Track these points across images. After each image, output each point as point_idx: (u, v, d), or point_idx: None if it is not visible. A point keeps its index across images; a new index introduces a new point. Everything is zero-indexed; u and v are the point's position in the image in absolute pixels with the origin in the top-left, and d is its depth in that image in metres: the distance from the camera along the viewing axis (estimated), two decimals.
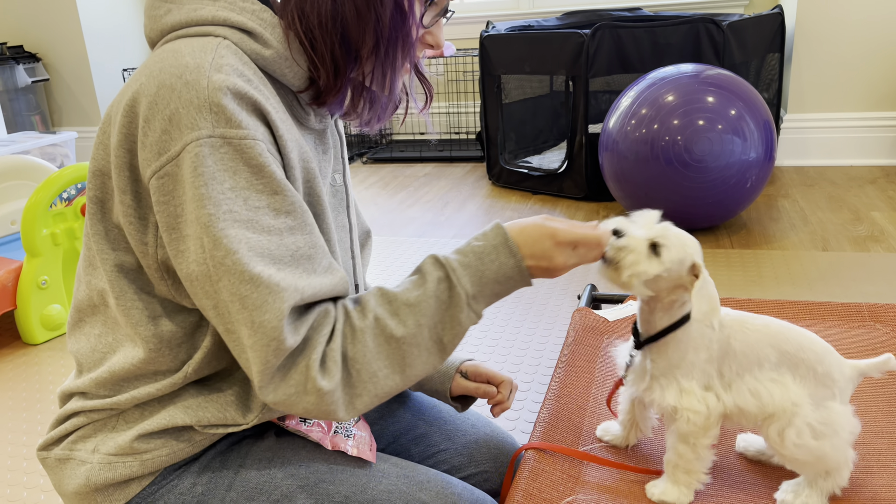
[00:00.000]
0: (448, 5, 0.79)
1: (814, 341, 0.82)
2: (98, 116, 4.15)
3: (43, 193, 1.94)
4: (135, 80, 0.70)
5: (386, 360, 0.72)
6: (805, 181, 3.04)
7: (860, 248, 2.28)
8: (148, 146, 0.66)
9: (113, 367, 0.76)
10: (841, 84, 3.18)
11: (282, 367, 0.68)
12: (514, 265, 0.76)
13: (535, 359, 1.74)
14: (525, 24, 3.39)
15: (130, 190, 0.70)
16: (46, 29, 4.05)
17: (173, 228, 0.67)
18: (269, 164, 0.67)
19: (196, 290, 0.68)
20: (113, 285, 0.74)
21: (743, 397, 0.81)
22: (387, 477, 0.82)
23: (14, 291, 1.97)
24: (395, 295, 0.74)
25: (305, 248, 0.70)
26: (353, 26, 0.72)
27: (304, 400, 0.69)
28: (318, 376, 0.68)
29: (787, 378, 0.81)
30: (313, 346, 0.69)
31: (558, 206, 2.94)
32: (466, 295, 0.75)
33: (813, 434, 0.79)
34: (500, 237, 0.77)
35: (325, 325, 0.71)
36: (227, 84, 0.66)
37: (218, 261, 0.65)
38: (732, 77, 2.36)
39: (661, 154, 2.29)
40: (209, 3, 0.72)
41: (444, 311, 0.74)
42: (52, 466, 0.80)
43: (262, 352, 0.66)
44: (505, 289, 0.77)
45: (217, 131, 0.65)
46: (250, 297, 0.65)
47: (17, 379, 1.82)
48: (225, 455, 0.82)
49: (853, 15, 3.09)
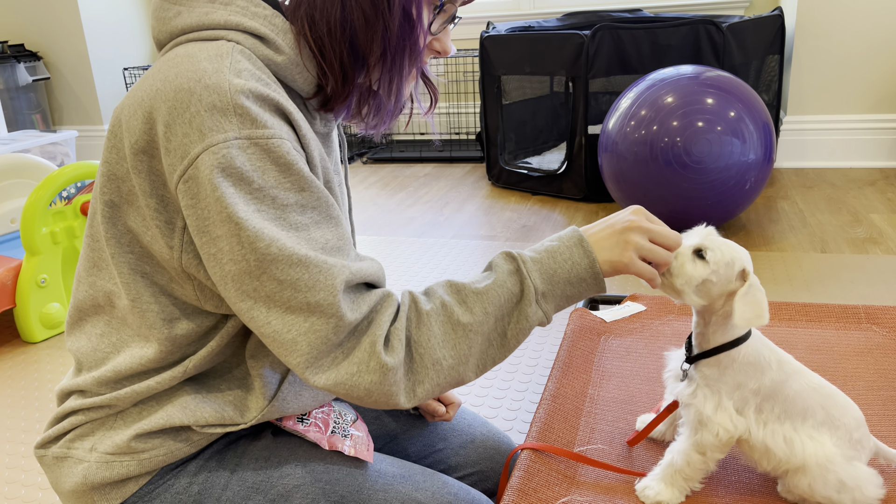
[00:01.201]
0: (456, 12, 0.79)
1: (854, 408, 0.84)
2: (99, 115, 4.15)
3: (43, 192, 1.94)
4: (148, 85, 0.69)
5: (451, 348, 0.72)
6: (804, 183, 3.04)
7: (859, 250, 2.28)
8: (172, 151, 0.66)
9: (118, 367, 0.76)
10: (840, 86, 3.19)
11: (343, 346, 0.68)
12: (588, 266, 0.76)
13: (532, 359, 1.74)
14: (525, 24, 3.40)
15: (156, 194, 0.70)
16: (47, 27, 4.05)
17: (203, 231, 0.67)
18: (296, 161, 0.68)
19: (232, 292, 0.67)
20: (129, 288, 0.74)
21: (775, 440, 0.82)
22: (383, 477, 0.82)
23: (13, 290, 1.97)
24: (464, 284, 0.75)
25: (334, 240, 0.70)
26: (361, 34, 0.72)
27: (366, 379, 0.68)
28: (383, 352, 0.68)
29: (826, 437, 0.82)
30: (378, 324, 0.69)
31: (557, 207, 2.94)
32: (536, 291, 0.75)
33: (839, 488, 0.81)
34: (576, 238, 0.77)
35: (389, 307, 0.71)
36: (248, 87, 0.66)
37: (261, 252, 0.65)
38: (732, 79, 2.36)
39: (661, 155, 2.29)
40: (221, 6, 0.72)
41: (512, 304, 0.74)
42: (50, 465, 0.81)
43: (320, 330, 0.66)
44: (577, 291, 0.77)
45: (243, 133, 0.65)
46: (302, 278, 0.66)
47: (15, 377, 1.83)
48: (222, 454, 0.82)
49: (853, 17, 3.09)
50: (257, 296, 0.66)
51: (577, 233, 0.78)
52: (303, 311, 0.66)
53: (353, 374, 0.68)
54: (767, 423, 0.83)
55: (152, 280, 0.75)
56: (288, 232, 0.67)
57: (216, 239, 0.66)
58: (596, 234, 0.78)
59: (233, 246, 0.65)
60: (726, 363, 0.82)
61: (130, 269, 0.74)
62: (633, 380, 1.14)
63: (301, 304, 0.66)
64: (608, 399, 1.09)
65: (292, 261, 0.65)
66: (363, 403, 0.71)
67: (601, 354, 1.22)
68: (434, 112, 0.86)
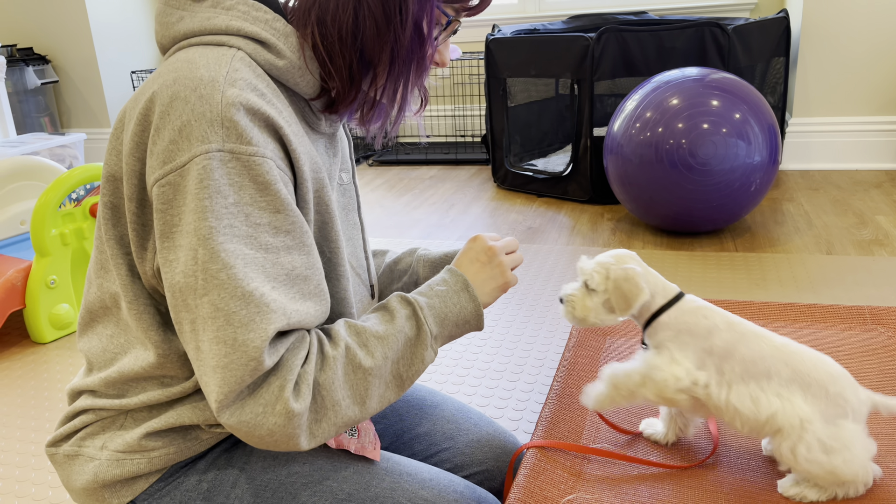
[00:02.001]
0: (459, 25, 0.81)
1: (828, 363, 0.84)
2: (106, 118, 4.17)
3: (52, 194, 1.96)
4: (148, 88, 0.70)
5: (350, 389, 0.72)
6: (810, 185, 3.04)
7: (864, 251, 2.28)
8: (155, 154, 0.67)
9: (123, 369, 0.77)
10: (846, 88, 3.18)
11: (251, 386, 0.67)
12: (474, 310, 0.82)
13: (538, 360, 1.75)
14: (531, 27, 3.40)
15: (136, 198, 0.71)
16: (56, 31, 4.08)
17: (167, 237, 0.67)
18: (275, 181, 0.68)
19: (177, 302, 0.67)
20: (126, 290, 0.75)
21: (741, 400, 0.84)
22: (390, 475, 0.83)
23: (23, 291, 1.99)
24: (364, 328, 0.76)
25: (302, 268, 0.70)
26: (371, 43, 0.73)
27: (270, 421, 0.67)
28: (291, 398, 0.67)
29: (797, 396, 0.83)
30: (289, 367, 0.68)
31: (563, 209, 2.94)
32: (431, 334, 0.78)
33: (823, 449, 0.80)
34: (461, 283, 0.82)
35: (301, 348, 0.70)
36: (240, 99, 0.67)
37: (211, 274, 0.64)
38: (737, 81, 2.36)
39: (666, 157, 2.29)
40: (223, 11, 0.73)
41: (409, 348, 0.77)
42: (61, 463, 0.82)
43: (238, 370, 0.65)
44: (461, 331, 0.83)
45: (227, 146, 0.66)
46: (238, 313, 0.65)
47: (25, 377, 1.84)
48: (230, 453, 0.83)
49: (858, 19, 3.09)
50: (196, 313, 0.66)
51: (460, 277, 0.83)
52: (227, 345, 0.65)
53: (257, 415, 0.67)
54: (732, 384, 0.85)
55: (142, 282, 0.75)
56: (255, 252, 0.66)
57: (177, 247, 0.66)
58: (474, 273, 0.85)
59: (188, 259, 0.65)
60: (662, 327, 0.88)
61: (128, 270, 0.75)
62: None
63: (228, 337, 0.65)
64: None
65: (235, 293, 0.65)
66: (261, 445, 0.69)
67: (606, 355, 1.23)
68: (423, 114, 0.88)
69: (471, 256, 0.86)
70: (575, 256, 2.41)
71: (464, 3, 0.77)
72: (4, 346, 2.03)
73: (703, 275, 2.18)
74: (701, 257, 2.32)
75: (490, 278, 0.85)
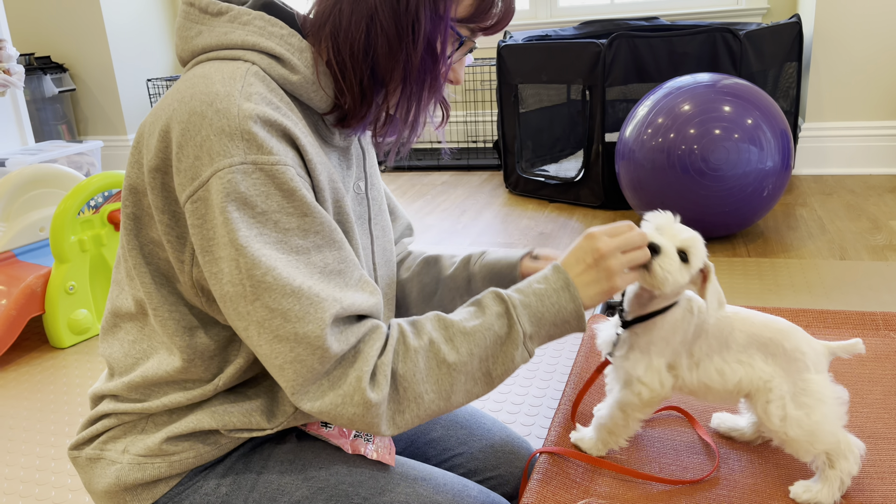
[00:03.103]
0: (475, 45, 0.81)
1: (779, 321, 0.88)
2: (123, 126, 4.22)
3: (71, 201, 1.99)
4: (167, 104, 0.72)
5: (434, 383, 0.73)
6: (823, 190, 3.03)
7: (878, 257, 2.27)
8: (182, 171, 0.69)
9: (146, 373, 0.79)
10: (859, 93, 3.17)
11: (329, 376, 0.70)
12: (574, 310, 0.78)
13: (550, 366, 1.75)
14: (542, 33, 3.42)
15: (168, 210, 0.72)
16: (73, 40, 4.13)
17: (207, 251, 0.69)
18: (300, 187, 0.69)
19: (230, 311, 0.70)
20: (150, 297, 0.77)
21: (709, 375, 0.87)
22: (405, 480, 0.84)
23: (43, 296, 2.02)
24: (452, 322, 0.76)
25: (334, 263, 0.72)
26: (383, 61, 0.73)
27: (349, 411, 0.70)
28: (368, 388, 0.70)
29: (757, 358, 0.86)
30: (365, 358, 0.71)
31: (575, 215, 2.95)
32: (524, 334, 0.76)
33: (796, 405, 0.83)
34: (563, 281, 0.79)
35: (377, 339, 0.72)
36: (256, 112, 0.68)
37: (257, 279, 0.67)
38: (749, 86, 2.37)
39: (678, 163, 2.30)
40: (239, 26, 0.74)
41: (499, 346, 0.76)
42: (83, 465, 0.83)
43: (306, 361, 0.68)
44: (560, 331, 0.80)
45: (249, 157, 0.67)
46: (292, 309, 0.67)
47: (45, 381, 1.87)
48: (248, 457, 0.85)
49: (871, 23, 3.08)
50: (250, 319, 0.68)
51: (563, 275, 0.79)
52: (290, 341, 0.68)
53: (337, 405, 0.70)
54: (700, 362, 0.87)
55: (172, 289, 0.77)
56: (288, 256, 0.68)
57: (218, 260, 0.68)
58: (578, 274, 0.80)
59: (231, 270, 0.67)
60: (659, 325, 0.87)
61: (151, 278, 0.77)
62: None
63: (289, 333, 0.68)
64: None
65: (285, 291, 0.67)
66: (345, 427, 0.73)
67: None
68: (444, 127, 0.88)
69: (578, 255, 0.81)
70: None
71: (479, 24, 0.77)
72: (24, 351, 2.06)
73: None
74: (713, 262, 2.32)
75: (594, 281, 0.79)
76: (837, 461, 0.83)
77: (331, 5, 0.74)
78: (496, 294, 0.78)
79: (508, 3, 0.78)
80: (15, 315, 1.96)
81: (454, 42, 0.77)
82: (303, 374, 0.69)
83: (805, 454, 0.85)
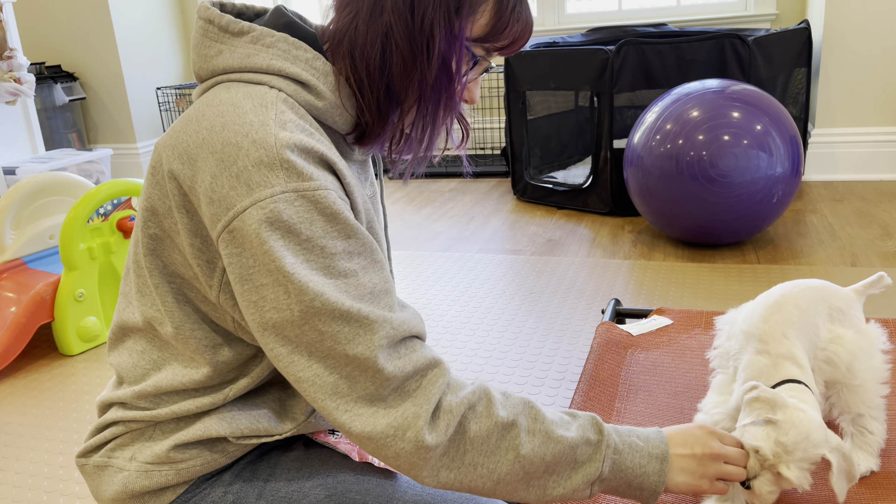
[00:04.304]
0: (491, 64, 0.80)
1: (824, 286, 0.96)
2: (132, 134, 4.25)
3: (81, 209, 2.00)
4: (194, 131, 0.71)
5: (493, 462, 0.72)
6: (834, 196, 3.01)
7: (889, 263, 2.26)
8: (217, 202, 0.68)
9: (159, 383, 0.79)
10: (869, 98, 3.15)
11: (384, 402, 0.69)
12: (653, 484, 0.78)
13: (559, 373, 1.75)
14: (550, 40, 3.42)
15: (199, 234, 0.72)
16: (84, 49, 4.17)
17: (246, 279, 0.68)
18: (343, 210, 0.69)
19: (271, 338, 0.69)
20: (172, 316, 0.76)
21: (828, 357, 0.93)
22: (412, 487, 0.84)
23: (52, 304, 2.03)
24: (543, 417, 0.75)
25: (381, 283, 0.71)
26: (398, 79, 0.73)
27: (397, 445, 0.68)
28: (426, 428, 0.68)
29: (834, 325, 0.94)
30: (427, 396, 0.69)
31: (583, 221, 2.94)
32: (600, 475, 0.76)
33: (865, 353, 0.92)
34: (661, 452, 0.78)
35: (439, 375, 0.71)
36: (293, 140, 0.68)
37: (306, 304, 0.66)
38: (758, 92, 2.36)
39: (686, 169, 2.29)
40: (263, 49, 0.73)
41: (570, 469, 0.75)
42: (91, 473, 0.83)
43: (358, 381, 0.68)
44: (626, 493, 0.79)
45: (290, 186, 0.67)
46: (342, 331, 0.67)
47: (53, 389, 1.88)
48: (255, 465, 0.85)
49: (881, 29, 3.07)
50: (298, 342, 0.68)
51: (664, 445, 0.78)
52: (341, 360, 0.68)
53: (387, 436, 0.68)
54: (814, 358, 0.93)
55: (195, 308, 0.77)
56: (336, 280, 0.68)
57: (259, 287, 0.67)
58: (678, 455, 0.79)
59: (278, 295, 0.67)
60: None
61: (174, 298, 0.76)
62: (660, 394, 1.14)
63: (340, 354, 0.67)
64: (635, 413, 1.09)
65: (335, 314, 0.67)
66: (387, 463, 0.71)
67: (628, 368, 1.23)
68: (465, 147, 0.87)
69: (688, 440, 0.81)
70: (596, 269, 2.41)
71: (494, 44, 0.76)
72: (33, 359, 2.07)
73: (725, 287, 2.17)
74: (723, 269, 2.31)
75: (689, 472, 0.79)
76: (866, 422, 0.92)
77: (347, 22, 0.73)
78: (597, 422, 0.77)
79: (525, 25, 0.77)
80: (24, 322, 1.97)
81: (469, 61, 0.76)
82: (354, 394, 0.68)
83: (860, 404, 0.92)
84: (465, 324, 2.07)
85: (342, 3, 0.75)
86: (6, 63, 2.84)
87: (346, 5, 0.74)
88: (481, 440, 0.71)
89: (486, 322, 2.07)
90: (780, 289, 0.96)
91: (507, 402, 0.74)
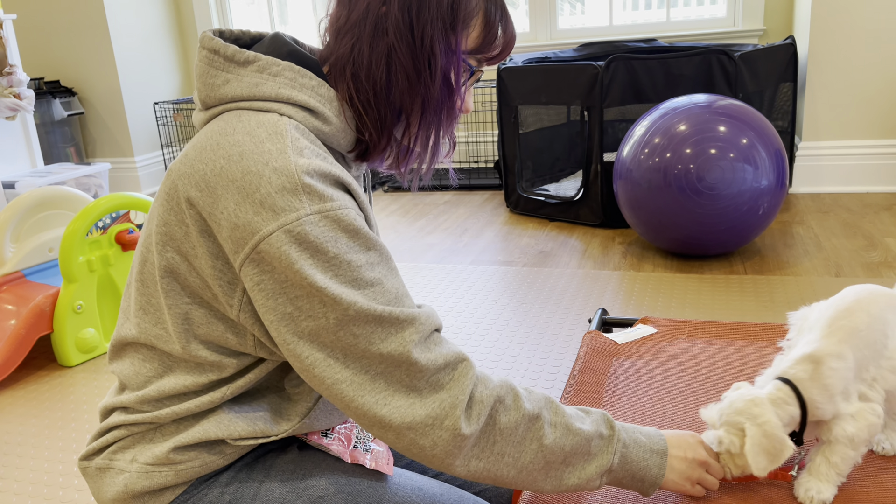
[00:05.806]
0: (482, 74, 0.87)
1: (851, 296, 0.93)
2: (130, 148, 4.29)
3: (80, 222, 2.03)
4: (210, 160, 0.74)
5: (519, 452, 0.77)
6: (820, 208, 3.06)
7: (873, 274, 2.30)
8: (241, 227, 0.71)
9: (163, 388, 0.82)
10: (855, 111, 3.21)
11: (422, 394, 0.73)
12: (653, 478, 0.84)
13: (548, 381, 1.78)
14: (542, 55, 3.47)
15: (222, 257, 0.75)
16: (82, 65, 4.21)
17: (280, 294, 0.71)
18: (361, 225, 0.74)
19: (304, 347, 0.72)
20: (180, 336, 0.79)
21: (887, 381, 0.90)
22: (402, 490, 0.87)
23: (51, 316, 2.06)
24: (563, 412, 0.80)
25: (401, 287, 0.76)
26: (404, 96, 0.78)
27: (435, 434, 0.73)
28: (463, 417, 0.73)
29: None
30: (461, 387, 0.74)
31: (574, 233, 2.98)
32: (611, 466, 0.82)
33: None
34: (662, 447, 0.85)
35: (468, 369, 0.75)
36: (312, 167, 0.72)
37: (341, 311, 0.70)
38: (744, 107, 2.41)
39: (674, 182, 2.34)
40: (270, 78, 0.77)
41: (584, 460, 0.81)
42: (93, 475, 0.86)
43: (394, 374, 0.72)
44: (629, 484, 0.85)
45: (313, 208, 0.71)
46: (376, 332, 0.72)
47: (53, 399, 1.90)
48: (251, 467, 0.88)
49: (865, 43, 3.13)
50: (334, 346, 0.72)
51: (664, 443, 0.85)
52: (376, 358, 0.72)
53: (427, 426, 0.73)
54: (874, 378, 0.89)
55: (207, 329, 0.80)
56: (363, 290, 0.72)
57: (294, 299, 0.71)
58: (677, 455, 0.86)
59: (313, 305, 0.71)
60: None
61: (184, 319, 0.79)
62: (644, 400, 1.18)
63: (375, 353, 0.72)
64: (619, 417, 1.13)
65: (368, 319, 0.71)
66: (421, 456, 0.74)
67: (612, 375, 1.26)
68: (451, 158, 0.93)
69: (682, 444, 0.87)
70: (586, 280, 2.45)
71: (485, 54, 0.82)
72: (32, 370, 2.09)
73: (712, 297, 2.21)
74: (710, 280, 2.35)
75: (679, 473, 0.86)
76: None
77: (349, 48, 0.77)
78: (608, 418, 0.83)
79: (509, 35, 0.83)
80: (24, 334, 2.00)
81: (465, 72, 0.82)
82: (391, 388, 0.72)
83: None
84: (457, 333, 2.11)
85: (340, 30, 0.79)
86: (6, 79, 2.89)
87: (346, 32, 0.78)
88: (510, 431, 0.76)
89: (479, 331, 2.10)
90: (853, 293, 0.93)
91: (530, 396, 0.80)
